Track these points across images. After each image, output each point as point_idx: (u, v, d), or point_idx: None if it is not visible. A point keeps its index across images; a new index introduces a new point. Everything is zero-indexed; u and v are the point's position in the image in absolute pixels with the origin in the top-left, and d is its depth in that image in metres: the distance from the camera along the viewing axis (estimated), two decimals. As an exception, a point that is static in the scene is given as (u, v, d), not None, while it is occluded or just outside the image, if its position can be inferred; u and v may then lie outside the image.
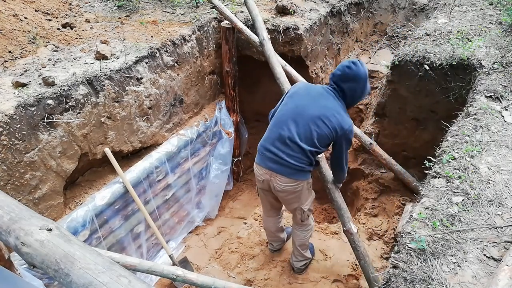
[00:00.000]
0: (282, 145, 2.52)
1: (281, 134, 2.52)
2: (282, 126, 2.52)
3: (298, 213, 2.94)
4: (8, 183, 2.47)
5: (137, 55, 3.20)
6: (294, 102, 2.56)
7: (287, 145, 2.50)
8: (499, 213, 1.97)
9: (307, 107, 2.50)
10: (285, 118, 2.53)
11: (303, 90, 2.61)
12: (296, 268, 3.31)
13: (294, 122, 2.49)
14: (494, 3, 4.09)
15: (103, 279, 1.26)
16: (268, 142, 2.59)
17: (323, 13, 4.19)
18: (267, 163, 2.60)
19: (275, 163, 2.57)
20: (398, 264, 1.79)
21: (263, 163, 2.64)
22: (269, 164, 2.59)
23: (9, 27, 3.18)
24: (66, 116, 2.72)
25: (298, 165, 2.53)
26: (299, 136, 2.47)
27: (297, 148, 2.49)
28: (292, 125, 2.49)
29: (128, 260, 2.47)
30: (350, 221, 3.05)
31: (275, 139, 2.55)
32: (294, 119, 2.50)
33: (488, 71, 3.00)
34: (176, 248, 3.99)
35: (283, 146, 2.51)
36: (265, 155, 2.60)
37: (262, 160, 2.64)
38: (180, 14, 4.02)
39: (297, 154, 2.50)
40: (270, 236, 3.45)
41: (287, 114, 2.54)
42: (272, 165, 2.58)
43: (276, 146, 2.54)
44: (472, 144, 2.39)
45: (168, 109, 3.64)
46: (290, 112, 2.54)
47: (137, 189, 3.26)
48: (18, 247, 1.41)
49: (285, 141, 2.50)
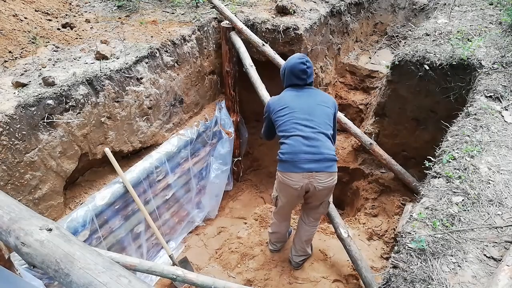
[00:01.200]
0: (310, 141, 2.62)
1: (304, 135, 2.62)
2: (299, 129, 2.64)
3: (324, 207, 3.01)
4: (8, 183, 2.47)
5: (137, 55, 3.20)
6: (292, 108, 2.70)
7: (314, 139, 2.62)
8: (499, 213, 1.97)
9: (305, 103, 2.71)
10: (296, 123, 2.66)
11: (288, 98, 2.77)
12: (295, 262, 3.33)
13: (306, 120, 2.66)
14: (494, 3, 4.09)
15: (103, 279, 1.26)
16: (296, 148, 2.63)
17: (323, 13, 4.19)
18: (304, 166, 2.61)
19: (313, 162, 2.61)
20: (398, 264, 1.79)
21: (299, 169, 2.62)
22: (307, 166, 2.61)
23: (9, 27, 3.18)
24: (66, 116, 2.72)
25: (332, 154, 2.67)
26: (319, 126, 2.66)
27: (323, 136, 2.65)
28: (306, 122, 2.65)
29: (128, 260, 2.47)
30: (340, 226, 3.08)
31: (301, 142, 2.62)
32: (304, 118, 2.66)
33: (488, 71, 3.00)
34: (176, 248, 3.99)
35: (312, 141, 2.62)
36: (300, 160, 2.61)
37: (296, 166, 2.63)
38: (180, 14, 4.02)
39: (326, 142, 2.66)
40: (278, 238, 3.44)
41: (295, 119, 2.67)
42: (311, 166, 2.61)
43: (307, 145, 2.61)
44: (472, 144, 2.39)
45: (168, 109, 3.64)
46: (296, 116, 2.67)
47: (137, 189, 3.26)
48: (18, 247, 1.41)
49: (311, 137, 2.63)
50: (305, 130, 2.63)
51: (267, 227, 3.78)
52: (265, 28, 3.90)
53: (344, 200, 4.62)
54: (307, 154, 2.61)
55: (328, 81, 4.58)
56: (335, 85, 4.80)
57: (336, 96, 4.79)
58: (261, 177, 5.01)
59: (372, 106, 4.30)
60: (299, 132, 2.63)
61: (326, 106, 2.74)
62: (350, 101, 4.72)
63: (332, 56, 4.59)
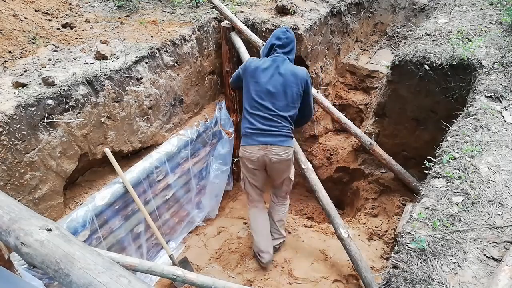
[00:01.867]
0: (268, 121, 2.91)
1: (263, 115, 2.91)
2: (260, 109, 2.92)
3: (286, 184, 3.34)
4: (8, 183, 2.47)
5: (137, 55, 3.20)
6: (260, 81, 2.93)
7: (272, 120, 2.91)
8: (499, 213, 1.97)
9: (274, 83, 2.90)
10: (259, 102, 2.92)
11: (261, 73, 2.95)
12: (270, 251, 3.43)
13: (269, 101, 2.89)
14: (494, 3, 4.09)
15: (103, 279, 1.26)
16: (254, 123, 2.95)
17: (323, 13, 4.19)
18: (260, 139, 2.95)
19: (268, 136, 2.93)
20: (398, 264, 1.79)
21: (255, 141, 2.97)
22: (263, 139, 2.94)
23: (9, 27, 3.18)
24: (66, 116, 2.72)
25: (286, 131, 2.96)
26: (279, 109, 2.90)
27: (281, 118, 2.91)
28: (268, 104, 2.89)
29: (128, 260, 2.47)
30: (340, 226, 3.08)
31: (259, 122, 2.93)
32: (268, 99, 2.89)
33: (488, 71, 3.00)
34: (176, 248, 3.99)
35: (269, 122, 2.91)
36: (256, 133, 2.95)
37: (253, 139, 2.98)
38: (180, 14, 4.02)
39: (283, 123, 2.93)
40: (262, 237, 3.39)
41: (259, 94, 2.92)
42: (266, 139, 2.93)
43: (263, 123, 2.92)
44: (472, 144, 2.39)
45: (168, 109, 3.64)
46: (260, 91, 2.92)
47: (137, 189, 3.26)
48: (18, 247, 1.41)
49: (269, 118, 2.90)
50: (265, 111, 2.90)
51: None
52: (265, 28, 3.90)
53: (344, 200, 4.62)
54: (262, 130, 2.93)
55: (328, 81, 4.58)
56: (335, 85, 4.80)
57: (336, 96, 4.79)
58: (261, 177, 5.00)
59: (372, 106, 4.30)
60: (259, 112, 2.92)
61: (295, 86, 2.89)
62: (350, 101, 4.72)
63: (332, 56, 4.59)
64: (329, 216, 3.18)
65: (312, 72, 4.22)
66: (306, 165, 3.33)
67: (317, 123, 4.56)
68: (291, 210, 4.62)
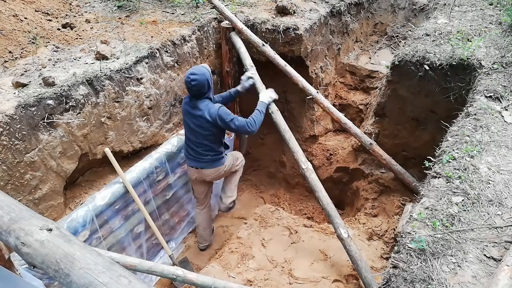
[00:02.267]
0: (193, 151, 3.41)
1: (191, 146, 3.41)
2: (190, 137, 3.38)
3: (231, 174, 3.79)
4: (8, 183, 2.47)
5: (137, 55, 3.21)
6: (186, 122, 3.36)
7: (196, 150, 3.39)
8: (499, 213, 1.97)
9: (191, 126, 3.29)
10: (188, 134, 3.39)
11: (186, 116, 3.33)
12: (224, 205, 3.79)
13: (193, 135, 3.34)
14: (494, 3, 4.09)
15: (103, 279, 1.26)
16: (188, 151, 3.46)
17: (323, 13, 4.19)
18: (193, 163, 3.47)
19: (197, 161, 3.44)
20: (398, 264, 1.79)
21: (190, 164, 3.50)
22: (194, 164, 3.45)
23: (9, 27, 3.18)
24: (66, 116, 2.72)
25: (209, 157, 3.41)
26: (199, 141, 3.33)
27: (204, 146, 3.36)
28: (193, 137, 3.36)
29: (128, 260, 2.47)
30: (340, 226, 3.08)
31: (189, 149, 3.44)
32: (192, 134, 3.34)
33: (488, 71, 3.00)
34: (176, 248, 4.00)
35: (194, 151, 3.40)
36: (189, 158, 3.47)
37: (189, 162, 3.50)
38: (180, 14, 4.03)
39: (207, 151, 3.39)
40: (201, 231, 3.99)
41: (187, 131, 3.40)
42: (196, 164, 3.45)
43: (194, 150, 3.40)
44: (472, 144, 2.39)
45: (168, 109, 3.64)
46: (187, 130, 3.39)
47: (137, 189, 3.26)
48: (18, 247, 1.41)
49: (194, 148, 3.40)
50: (190, 144, 3.41)
51: (267, 227, 3.79)
52: (265, 28, 3.90)
53: (344, 200, 4.62)
54: (193, 156, 3.44)
55: (328, 81, 4.59)
56: (335, 85, 4.80)
57: (336, 96, 4.80)
58: (261, 177, 5.01)
59: (372, 106, 4.30)
60: (188, 143, 3.43)
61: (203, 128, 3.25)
62: (350, 101, 4.72)
63: (332, 56, 4.59)
64: (329, 216, 3.18)
65: (312, 72, 4.22)
66: (306, 165, 3.33)
67: (317, 123, 4.56)
68: (291, 210, 4.62)
